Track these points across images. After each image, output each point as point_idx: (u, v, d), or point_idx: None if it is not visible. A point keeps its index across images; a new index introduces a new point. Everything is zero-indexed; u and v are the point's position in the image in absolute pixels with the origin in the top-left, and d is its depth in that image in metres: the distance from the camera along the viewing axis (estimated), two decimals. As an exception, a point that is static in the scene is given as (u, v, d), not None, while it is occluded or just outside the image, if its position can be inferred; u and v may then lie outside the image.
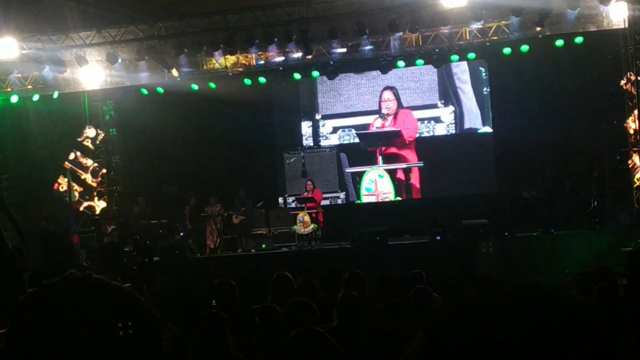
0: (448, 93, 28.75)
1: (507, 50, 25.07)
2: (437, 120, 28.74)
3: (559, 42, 24.42)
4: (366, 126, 28.57)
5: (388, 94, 28.66)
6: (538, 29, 23.37)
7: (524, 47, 24.73)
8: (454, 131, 28.70)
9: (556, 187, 25.68)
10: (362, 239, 22.84)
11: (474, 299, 1.24)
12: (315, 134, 29.79)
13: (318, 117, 29.77)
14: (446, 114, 28.71)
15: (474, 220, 22.76)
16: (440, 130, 28.74)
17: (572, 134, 26.26)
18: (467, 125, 28.67)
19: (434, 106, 28.80)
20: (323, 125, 29.73)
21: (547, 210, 23.78)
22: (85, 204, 27.66)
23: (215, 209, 26.23)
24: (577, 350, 1.07)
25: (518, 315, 1.13)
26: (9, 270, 3.30)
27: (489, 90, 28.44)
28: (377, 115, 28.43)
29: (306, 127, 29.88)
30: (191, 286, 14.16)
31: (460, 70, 28.67)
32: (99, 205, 28.02)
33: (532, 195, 25.54)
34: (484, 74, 28.54)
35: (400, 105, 28.50)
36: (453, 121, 28.68)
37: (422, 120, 28.61)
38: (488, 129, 28.40)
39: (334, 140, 29.54)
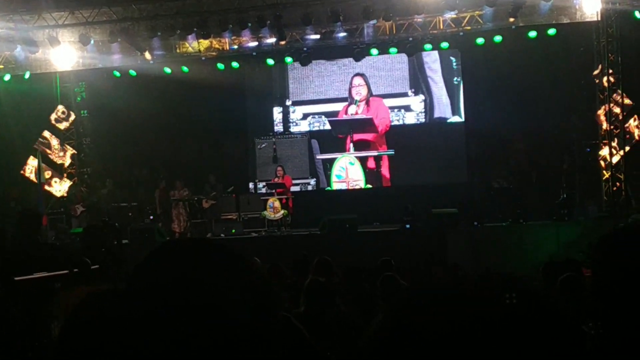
0: (418, 82, 28.77)
1: (480, 41, 25.12)
2: (407, 108, 28.76)
3: (532, 34, 24.53)
4: (336, 113, 28.57)
5: (358, 80, 28.67)
6: (511, 19, 23.46)
7: (497, 38, 24.79)
8: (424, 120, 28.74)
9: (525, 178, 25.81)
10: (331, 226, 22.87)
11: (436, 285, 1.27)
12: (286, 120, 29.75)
13: (289, 103, 29.73)
14: (416, 102, 28.74)
15: (444, 209, 22.84)
16: (411, 119, 28.77)
17: (543, 125, 26.38)
18: (437, 114, 28.72)
19: (404, 95, 28.82)
20: (293, 112, 29.69)
21: (517, 200, 23.86)
22: (54, 185, 27.50)
23: (183, 193, 26.21)
24: (538, 335, 1.10)
25: (479, 302, 1.16)
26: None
27: (459, 79, 28.50)
28: (346, 103, 28.47)
29: (277, 113, 29.84)
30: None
31: (431, 60, 28.69)
32: (67, 187, 27.85)
33: (501, 186, 25.64)
34: (454, 64, 28.60)
35: (370, 92, 28.52)
36: (423, 110, 28.71)
37: (392, 108, 28.60)
38: (458, 119, 28.48)
39: (304, 126, 29.50)
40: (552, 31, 24.16)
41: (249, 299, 1.60)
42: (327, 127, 28.26)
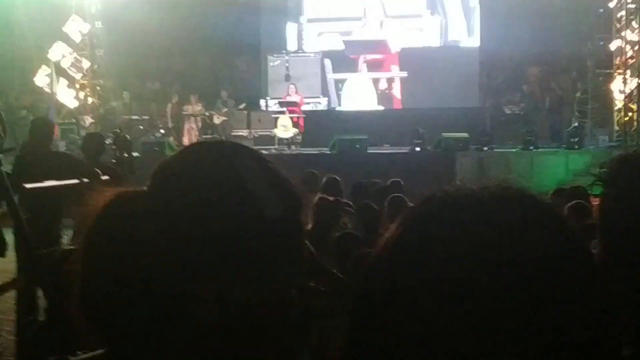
0: (434, 3, 28.53)
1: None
2: (422, 30, 28.57)
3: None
4: (350, 32, 28.40)
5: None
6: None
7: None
8: (438, 42, 28.56)
9: (538, 105, 25.72)
10: (342, 146, 22.88)
11: (448, 191, 1.27)
12: (299, 37, 29.59)
13: (303, 20, 29.54)
14: (432, 24, 28.52)
15: (454, 133, 22.82)
16: (424, 40, 28.58)
17: (558, 52, 26.24)
18: (451, 37, 28.56)
19: (419, 16, 28.58)
20: (308, 29, 29.51)
21: (528, 126, 23.81)
22: (67, 95, 27.45)
23: (197, 108, 26.18)
24: (550, 244, 1.12)
25: (495, 208, 1.17)
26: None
27: (476, 2, 28.23)
28: (361, 23, 28.30)
29: (291, 30, 29.65)
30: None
31: (449, -20, 28.45)
32: (80, 97, 27.79)
33: (513, 111, 25.59)
34: (472, -14, 28.36)
35: (385, 12, 28.29)
36: (438, 32, 28.51)
37: (407, 29, 28.41)
38: (472, 42, 28.28)
39: (317, 44, 29.34)
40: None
41: (279, 198, 1.63)
42: (341, 46, 28.10)
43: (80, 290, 1.54)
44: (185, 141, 26.08)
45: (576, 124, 23.75)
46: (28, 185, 7.68)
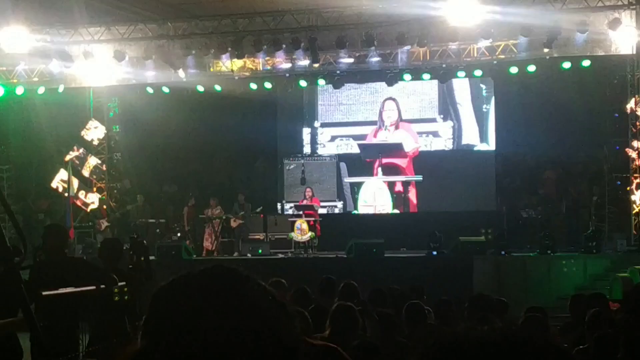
0: (447, 108, 28.77)
1: (513, 70, 25.04)
2: (435, 134, 28.76)
3: (566, 65, 24.39)
4: (364, 136, 28.63)
5: (390, 104, 28.69)
6: (546, 50, 23.37)
7: (531, 68, 24.71)
8: (451, 146, 28.71)
9: (555, 208, 25.70)
10: (358, 250, 22.84)
11: (466, 331, 1.25)
12: (313, 142, 29.81)
13: (317, 124, 29.81)
14: (445, 128, 28.73)
15: (471, 237, 22.77)
16: (439, 145, 28.76)
17: (574, 156, 26.33)
18: (465, 141, 28.70)
19: (433, 120, 28.82)
20: (321, 133, 29.77)
21: (545, 231, 23.75)
22: (83, 199, 27.59)
23: (216, 212, 26.25)
24: None
25: (504, 355, 1.15)
26: (6, 270, 3.31)
27: (488, 107, 28.47)
28: (375, 126, 28.53)
29: (305, 134, 29.90)
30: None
31: (461, 87, 28.69)
32: (94, 201, 27.92)
33: (530, 215, 25.56)
34: (484, 91, 28.59)
35: (400, 117, 28.54)
36: (451, 136, 28.70)
37: (420, 133, 28.63)
38: (486, 146, 28.42)
39: (331, 148, 29.56)
40: (586, 63, 24.03)
41: (270, 329, 1.61)
42: (355, 150, 28.29)
43: None
44: (207, 245, 26.11)
45: (594, 228, 23.68)
46: (45, 293, 7.66)
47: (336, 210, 28.75)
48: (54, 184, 26.97)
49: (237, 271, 1.78)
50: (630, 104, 24.01)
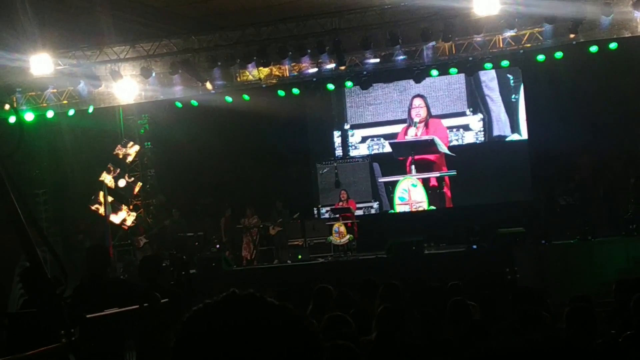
0: (476, 101, 28.68)
1: (541, 58, 24.90)
2: (466, 128, 28.69)
3: (593, 49, 24.19)
4: (394, 135, 28.62)
5: (419, 101, 28.64)
6: (572, 35, 23.20)
7: (558, 54, 24.55)
8: (482, 139, 28.61)
9: (592, 194, 25.53)
10: (398, 249, 22.79)
11: (505, 344, 1.25)
12: (345, 144, 29.83)
13: (347, 126, 29.83)
14: (475, 121, 28.64)
15: (510, 228, 22.64)
16: (470, 138, 28.68)
17: (608, 140, 26.12)
18: (495, 132, 28.61)
19: (463, 114, 28.74)
20: (352, 135, 29.80)
21: (584, 217, 23.59)
22: (120, 217, 27.73)
23: (253, 221, 26.32)
24: None
25: None
26: (49, 300, 3.32)
27: (517, 97, 28.37)
28: (405, 124, 28.51)
29: (336, 137, 29.92)
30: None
31: (489, 78, 28.60)
32: (134, 219, 28.05)
33: (568, 202, 25.39)
34: (512, 81, 28.49)
35: (429, 113, 28.48)
36: (482, 129, 28.60)
37: (450, 128, 28.57)
38: (517, 136, 28.30)
39: (362, 149, 29.57)
40: (613, 45, 23.82)
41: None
42: (387, 149, 28.30)
43: None
44: (245, 254, 26.20)
45: (633, 210, 23.48)
46: (89, 316, 7.69)
47: (372, 211, 28.73)
48: (91, 205, 27.12)
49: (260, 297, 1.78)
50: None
